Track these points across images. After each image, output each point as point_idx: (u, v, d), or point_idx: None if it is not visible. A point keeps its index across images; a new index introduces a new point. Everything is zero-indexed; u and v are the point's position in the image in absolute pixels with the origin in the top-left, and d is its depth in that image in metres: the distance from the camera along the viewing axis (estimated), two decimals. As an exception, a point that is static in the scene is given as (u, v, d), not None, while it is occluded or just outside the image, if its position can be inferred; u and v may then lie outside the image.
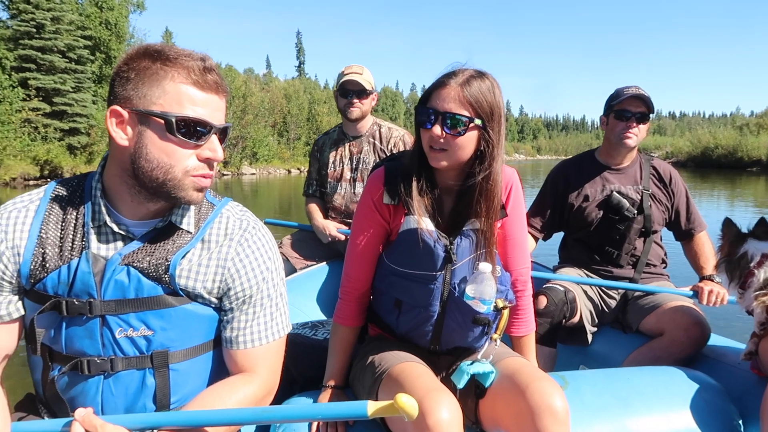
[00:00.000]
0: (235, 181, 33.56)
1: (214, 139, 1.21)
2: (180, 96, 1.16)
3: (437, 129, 1.50)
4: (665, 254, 2.69)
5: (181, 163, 1.18)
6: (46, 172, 27.61)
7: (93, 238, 1.24)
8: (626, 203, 2.53)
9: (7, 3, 30.61)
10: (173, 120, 1.15)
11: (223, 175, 38.78)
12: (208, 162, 1.22)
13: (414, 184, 1.57)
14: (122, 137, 1.18)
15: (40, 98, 30.25)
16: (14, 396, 1.27)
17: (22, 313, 1.27)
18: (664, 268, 2.69)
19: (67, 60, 31.02)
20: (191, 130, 1.17)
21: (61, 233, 1.24)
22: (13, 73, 29.29)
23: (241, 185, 28.76)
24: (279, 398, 1.69)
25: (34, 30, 30.38)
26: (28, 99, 29.65)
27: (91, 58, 33.31)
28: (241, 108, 42.76)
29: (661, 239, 2.67)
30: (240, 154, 42.51)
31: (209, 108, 1.19)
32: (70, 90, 30.79)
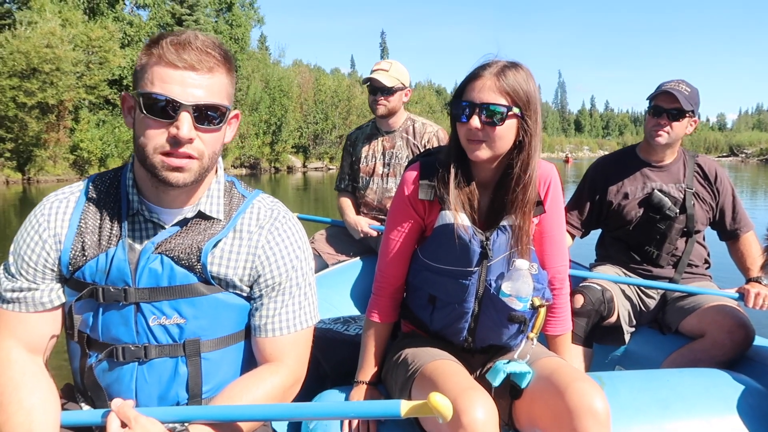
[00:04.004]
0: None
1: (183, 116, 1.17)
2: (153, 75, 1.17)
3: (475, 121, 1.47)
4: (708, 254, 2.60)
5: (151, 141, 1.18)
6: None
7: (129, 227, 1.27)
8: (668, 202, 2.45)
9: (163, 25, 35.79)
10: (140, 99, 1.16)
11: (329, 168, 41.56)
12: (173, 140, 1.18)
13: (450, 179, 1.55)
14: (129, 121, 1.24)
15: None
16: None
17: (63, 300, 1.30)
18: (707, 268, 2.60)
19: (210, 71, 37.34)
20: (160, 108, 1.16)
21: (99, 223, 1.28)
22: (167, 83, 35.30)
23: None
24: (310, 392, 1.69)
25: (186, 47, 37.02)
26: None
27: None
28: (347, 109, 44.87)
29: (704, 239, 2.59)
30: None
31: (183, 85, 1.17)
32: (210, 96, 37.52)
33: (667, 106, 2.42)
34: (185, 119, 1.17)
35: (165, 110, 1.16)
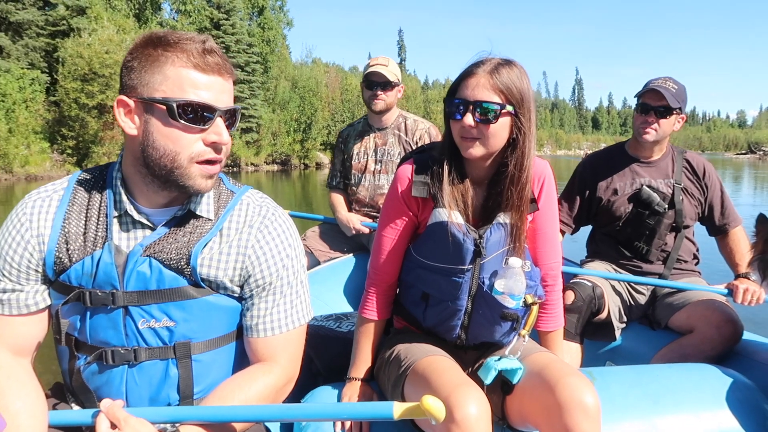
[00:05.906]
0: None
1: (219, 122, 1.19)
2: (181, 80, 1.15)
3: (468, 118, 1.47)
4: (697, 250, 2.62)
5: (186, 149, 1.17)
6: (230, 162, 32.98)
7: (115, 228, 1.24)
8: (657, 198, 2.47)
9: (202, 29, 37.51)
10: (174, 105, 1.14)
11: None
12: (215, 146, 1.20)
13: (444, 176, 1.54)
14: (130, 126, 1.18)
15: (228, 105, 38.15)
16: (43, 384, 1.29)
17: (49, 302, 1.28)
18: (696, 264, 2.62)
19: (245, 73, 38.71)
20: (195, 114, 1.16)
21: (84, 224, 1.24)
22: (209, 86, 37.53)
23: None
24: (303, 390, 1.69)
25: (224, 50, 39.68)
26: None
27: (260, 69, 41.18)
28: (373, 108, 47.39)
29: (693, 234, 2.61)
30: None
31: (213, 91, 1.17)
32: (246, 97, 38.58)
33: (654, 103, 2.44)
34: (221, 124, 1.19)
35: (199, 116, 1.16)
